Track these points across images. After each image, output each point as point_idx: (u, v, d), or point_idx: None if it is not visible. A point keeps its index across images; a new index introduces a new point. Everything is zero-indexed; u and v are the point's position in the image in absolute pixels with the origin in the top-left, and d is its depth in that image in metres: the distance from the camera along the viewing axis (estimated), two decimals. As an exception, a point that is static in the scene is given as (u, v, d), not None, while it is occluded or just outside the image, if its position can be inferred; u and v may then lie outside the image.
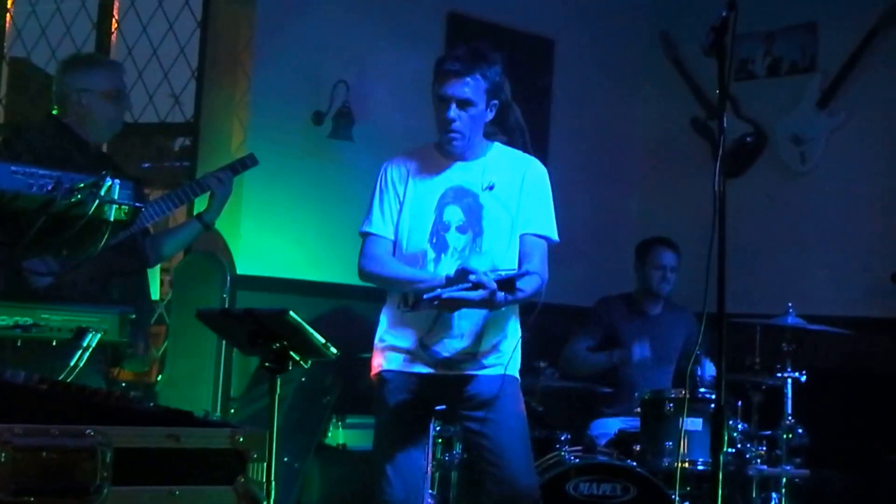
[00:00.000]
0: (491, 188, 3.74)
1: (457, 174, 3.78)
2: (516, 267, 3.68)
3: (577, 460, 4.66)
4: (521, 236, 3.77)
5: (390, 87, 5.87)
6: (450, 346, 3.71)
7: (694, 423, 4.72)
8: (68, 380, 2.66)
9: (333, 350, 3.13)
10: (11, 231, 2.23)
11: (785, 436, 4.90)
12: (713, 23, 3.24)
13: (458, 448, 4.70)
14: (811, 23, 6.39)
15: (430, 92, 3.74)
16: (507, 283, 3.42)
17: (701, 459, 4.68)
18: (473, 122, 3.70)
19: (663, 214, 6.71)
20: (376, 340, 3.83)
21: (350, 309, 5.63)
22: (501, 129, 6.45)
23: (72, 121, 4.01)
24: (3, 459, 1.52)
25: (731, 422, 4.77)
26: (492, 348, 3.74)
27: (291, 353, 3.16)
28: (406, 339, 3.74)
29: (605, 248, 6.72)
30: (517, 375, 3.82)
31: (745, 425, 4.92)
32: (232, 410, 5.08)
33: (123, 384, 5.00)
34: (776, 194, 6.45)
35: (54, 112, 4.08)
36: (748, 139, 6.52)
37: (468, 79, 3.63)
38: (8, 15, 6.32)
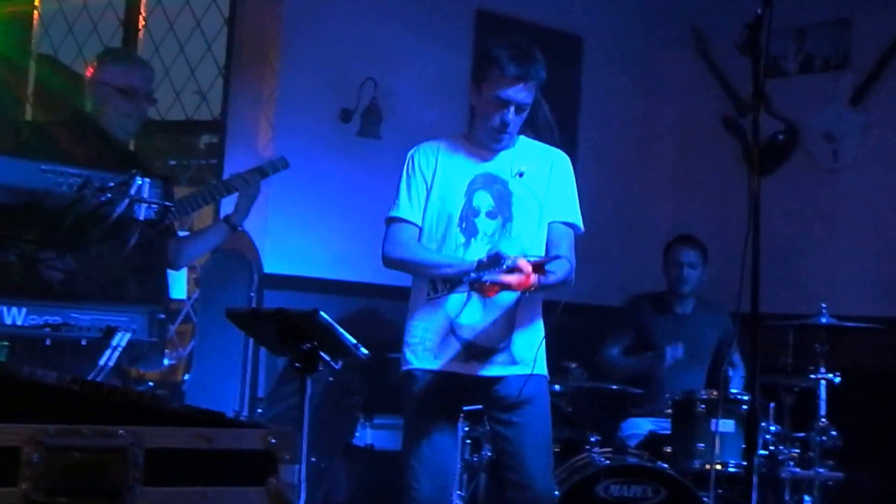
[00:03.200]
0: (521, 175, 3.79)
1: (487, 162, 3.82)
2: (543, 254, 3.72)
3: (608, 462, 4.62)
4: (550, 224, 3.82)
5: (418, 85, 5.85)
6: (480, 333, 3.71)
7: (726, 425, 4.69)
8: (98, 379, 2.64)
9: (364, 350, 3.11)
10: (41, 229, 2.21)
11: (818, 438, 4.85)
12: (747, 20, 3.18)
13: (486, 449, 4.66)
14: (845, 19, 6.32)
15: (478, 87, 3.75)
16: (538, 267, 3.44)
17: (733, 461, 4.64)
18: (521, 122, 3.78)
19: (693, 212, 6.67)
20: (405, 335, 3.80)
21: (377, 308, 5.61)
22: (530, 127, 6.40)
23: (93, 114, 4.00)
24: (35, 460, 1.52)
25: (763, 423, 4.71)
26: (520, 339, 3.74)
27: (321, 353, 3.13)
28: (436, 329, 3.73)
29: (635, 247, 6.67)
30: (545, 373, 3.82)
31: (778, 427, 4.87)
32: (259, 410, 5.06)
33: (150, 383, 4.98)
34: (808, 192, 6.39)
35: (87, 109, 4.07)
36: (780, 137, 6.46)
37: (530, 83, 3.69)
38: (35, 12, 6.32)
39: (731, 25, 3.35)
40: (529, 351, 3.73)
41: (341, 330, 3.10)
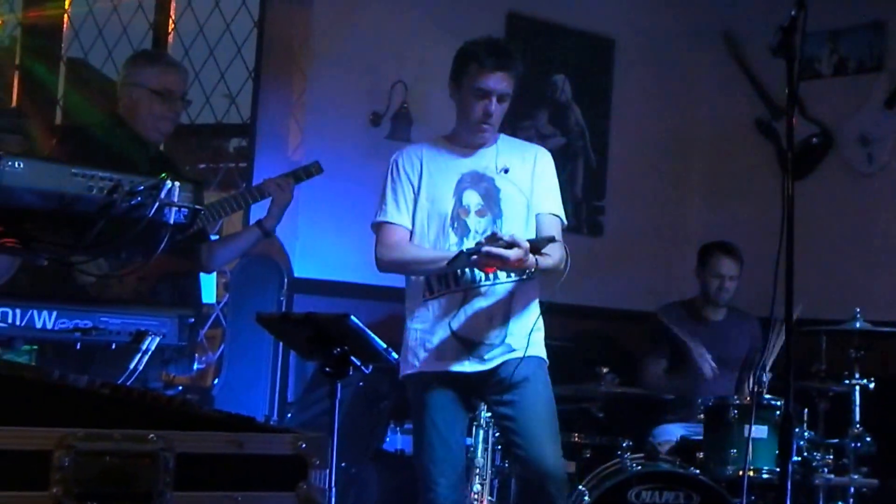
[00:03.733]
0: (506, 171, 3.85)
1: (471, 160, 3.89)
2: None
3: (639, 468, 4.59)
4: (537, 216, 3.88)
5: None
6: (478, 330, 3.76)
7: (759, 431, 4.64)
8: (128, 384, 2.64)
9: (394, 355, 3.09)
10: (71, 234, 2.21)
11: (852, 444, 4.81)
12: (779, 23, 3.15)
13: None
14: (879, 21, 6.27)
15: (457, 84, 3.84)
16: (535, 248, 3.54)
17: (766, 468, 4.60)
18: (503, 115, 3.85)
19: (726, 216, 6.62)
20: (404, 338, 3.85)
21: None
22: (561, 130, 6.38)
23: (126, 117, 3.99)
24: (66, 464, 1.51)
25: (797, 430, 4.66)
26: (516, 328, 3.79)
27: (352, 357, 3.11)
28: (435, 329, 3.77)
29: (667, 252, 6.63)
30: (543, 357, 3.87)
31: (812, 433, 4.83)
32: (289, 414, 5.06)
33: (180, 387, 4.98)
34: (842, 196, 6.33)
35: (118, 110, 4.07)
36: (814, 140, 6.40)
37: (509, 73, 3.77)
38: (65, 16, 6.34)
39: (763, 28, 3.32)
40: (524, 337, 3.79)
41: (371, 334, 3.08)
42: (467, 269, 3.73)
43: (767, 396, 4.82)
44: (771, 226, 3.16)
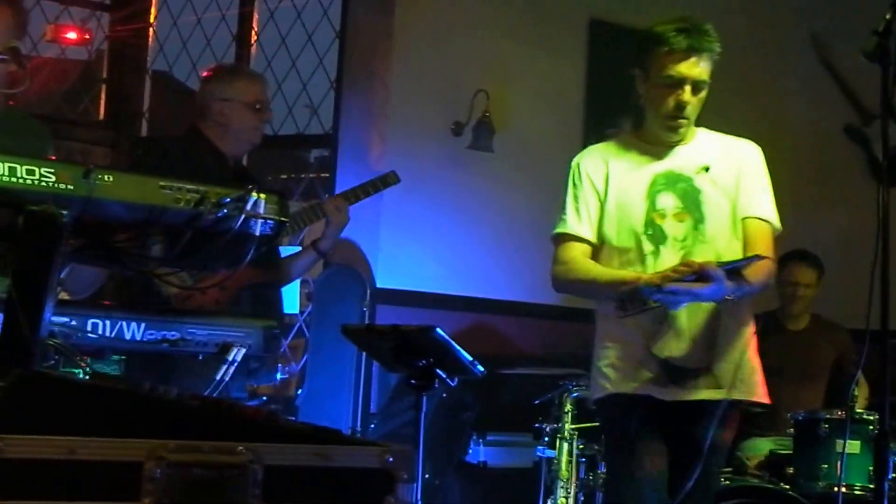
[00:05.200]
0: (707, 170, 3.40)
1: (666, 159, 3.42)
2: (741, 256, 3.35)
3: (728, 483, 4.51)
4: (744, 220, 3.42)
5: (531, 96, 5.82)
6: (681, 353, 3.32)
7: (851, 446, 4.53)
8: (214, 395, 2.65)
9: (480, 367, 3.06)
10: (158, 246, 2.22)
11: (953, 461, 4.66)
12: (871, 26, 3.06)
13: (601, 466, 4.57)
14: (974, 22, 6.10)
15: (644, 73, 3.36)
16: (734, 273, 3.12)
17: (858, 484, 4.49)
18: (700, 106, 3.38)
19: (813, 224, 6.49)
20: (594, 358, 3.46)
21: (489, 323, 5.58)
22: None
23: (212, 132, 4.01)
24: (157, 475, 1.53)
25: (893, 445, 4.55)
26: (723, 358, 3.34)
27: (437, 370, 3.09)
28: (630, 351, 3.35)
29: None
30: (744, 397, 3.42)
31: (908, 449, 4.69)
32: (371, 425, 5.06)
33: (264, 398, 5.00)
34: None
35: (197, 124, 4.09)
36: (907, 146, 6.26)
37: (704, 56, 3.29)
38: (151, 29, 6.43)
39: (853, 31, 3.23)
40: (732, 370, 3.33)
41: (457, 346, 3.06)
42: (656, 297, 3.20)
43: (859, 410, 4.71)
44: (862, 234, 3.09)
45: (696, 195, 3.38)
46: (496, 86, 5.68)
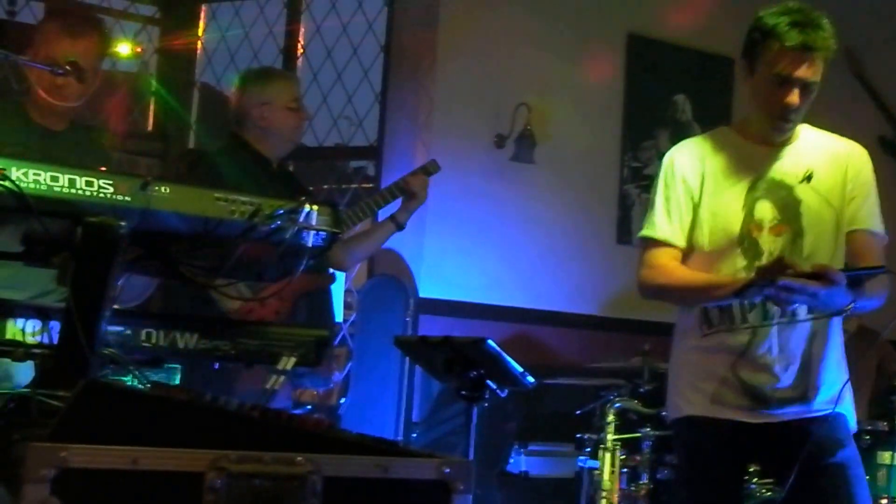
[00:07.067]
0: (809, 179, 3.11)
1: (767, 162, 3.13)
2: None
3: (769, 493, 4.49)
4: (849, 234, 3.12)
5: (572, 109, 5.84)
6: (770, 376, 3.05)
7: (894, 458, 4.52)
8: (265, 403, 2.69)
9: (530, 378, 3.08)
10: (212, 257, 2.26)
11: None
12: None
13: (643, 477, 4.58)
14: None
15: (750, 65, 3.15)
16: (855, 282, 2.84)
17: (901, 496, 4.47)
18: (808, 105, 3.12)
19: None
20: (672, 376, 3.24)
21: (531, 333, 5.60)
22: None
23: (253, 137, 4.04)
24: (218, 485, 1.55)
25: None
26: (818, 381, 3.07)
27: (488, 381, 3.11)
28: (712, 372, 3.09)
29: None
30: (848, 414, 3.12)
31: (950, 461, 4.68)
32: (414, 434, 5.08)
33: (308, 406, 5.05)
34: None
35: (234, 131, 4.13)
36: (941, 158, 6.25)
37: (817, 55, 3.03)
38: (199, 42, 6.50)
39: (886, 44, 3.22)
40: (829, 392, 3.06)
41: (508, 358, 3.08)
42: (758, 300, 2.98)
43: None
44: (894, 245, 3.07)
45: (797, 206, 3.09)
46: (537, 99, 5.71)
